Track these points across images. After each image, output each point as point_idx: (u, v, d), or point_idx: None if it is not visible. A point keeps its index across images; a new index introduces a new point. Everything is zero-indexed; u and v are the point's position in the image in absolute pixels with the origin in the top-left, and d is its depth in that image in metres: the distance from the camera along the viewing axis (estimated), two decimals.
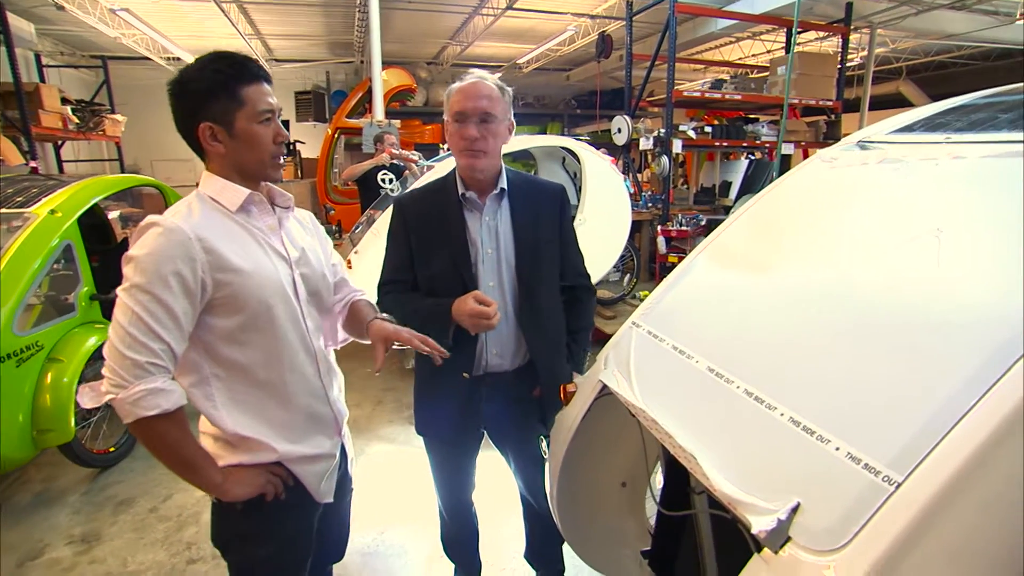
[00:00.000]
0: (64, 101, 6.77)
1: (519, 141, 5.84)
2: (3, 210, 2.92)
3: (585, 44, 9.07)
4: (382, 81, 6.45)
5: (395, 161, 4.85)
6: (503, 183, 1.55)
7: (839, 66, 6.55)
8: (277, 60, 10.69)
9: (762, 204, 1.48)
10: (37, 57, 7.97)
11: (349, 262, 4.34)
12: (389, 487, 2.92)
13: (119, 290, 1.08)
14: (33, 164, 5.99)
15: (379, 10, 6.08)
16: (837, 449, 0.84)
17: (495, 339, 1.56)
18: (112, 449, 3.06)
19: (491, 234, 1.55)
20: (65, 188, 3.07)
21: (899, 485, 0.74)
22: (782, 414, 0.95)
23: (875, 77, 9.21)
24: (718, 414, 1.06)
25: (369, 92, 6.44)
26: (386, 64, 7.53)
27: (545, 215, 1.60)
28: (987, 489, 0.69)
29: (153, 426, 1.06)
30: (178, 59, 8.74)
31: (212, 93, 1.14)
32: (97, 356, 2.78)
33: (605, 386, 1.37)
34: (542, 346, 1.59)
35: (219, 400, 1.18)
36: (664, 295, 1.47)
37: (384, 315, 1.40)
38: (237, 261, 1.14)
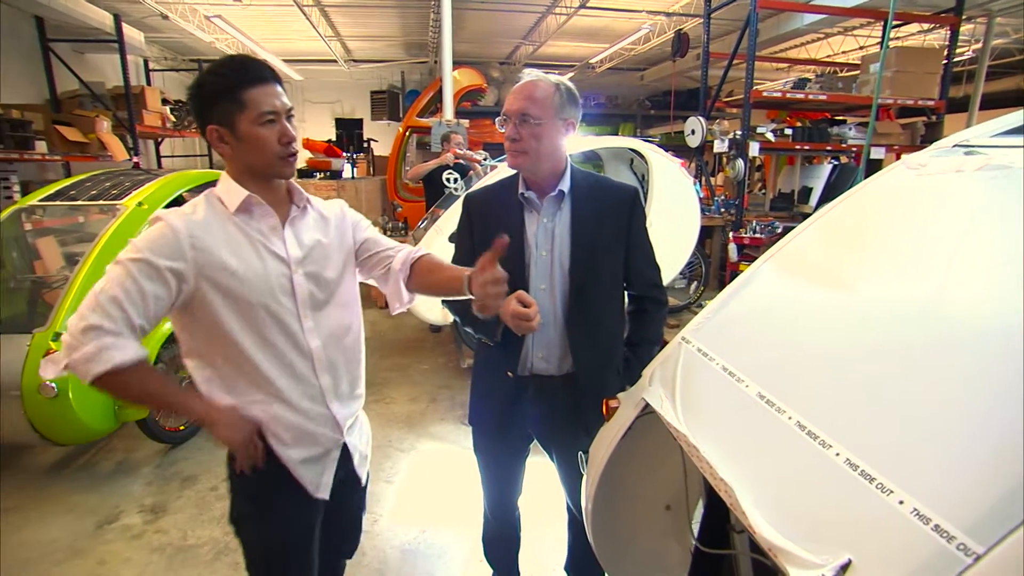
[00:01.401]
0: (164, 102, 7.37)
1: (585, 142, 5.74)
2: (100, 202, 3.20)
3: (660, 43, 8.79)
4: (453, 81, 6.54)
5: (460, 161, 4.90)
6: (564, 185, 1.51)
7: (945, 61, 5.95)
8: (356, 61, 11.12)
9: (835, 214, 1.33)
10: (145, 62, 8.73)
11: None
12: (435, 485, 2.94)
13: (108, 264, 1.15)
14: (136, 159, 6.56)
15: (452, 10, 6.16)
16: (901, 503, 0.72)
17: (541, 342, 1.53)
18: (182, 427, 3.28)
19: (547, 236, 1.51)
20: (153, 182, 3.31)
21: (979, 558, 0.62)
22: (838, 454, 0.83)
23: (991, 72, 8.29)
24: (764, 447, 0.95)
25: (440, 92, 6.54)
26: (458, 64, 7.63)
27: (609, 219, 1.52)
28: None
29: (112, 382, 1.08)
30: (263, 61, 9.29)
31: (217, 97, 1.17)
32: (172, 339, 2.97)
33: (648, 404, 1.28)
34: (589, 355, 1.53)
35: (215, 386, 1.24)
36: (719, 309, 1.36)
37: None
38: (229, 261, 1.18)
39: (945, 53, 6.00)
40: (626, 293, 1.67)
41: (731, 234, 5.73)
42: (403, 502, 2.79)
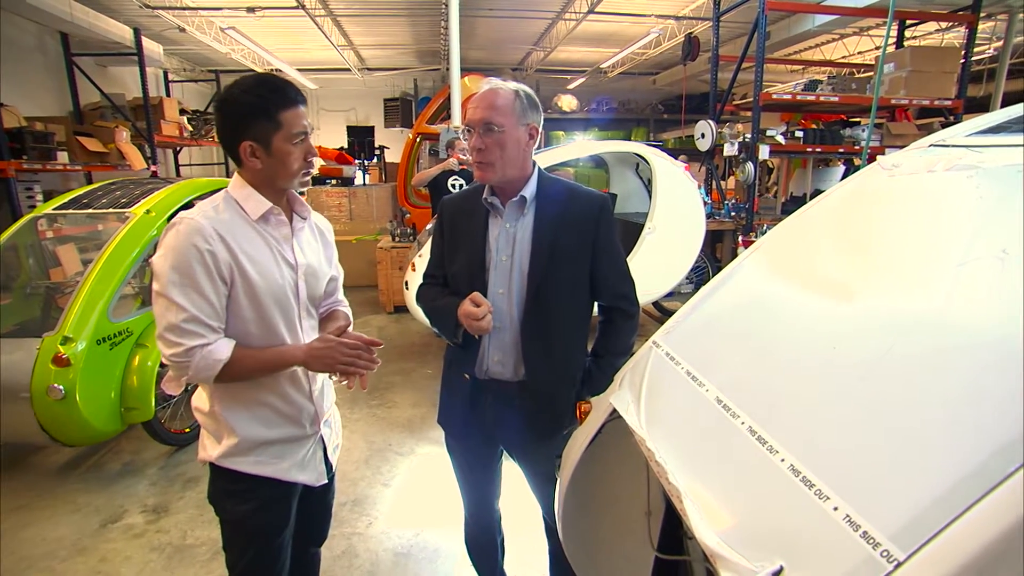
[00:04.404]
0: (182, 112, 7.56)
1: (589, 147, 5.74)
2: (110, 210, 3.30)
3: (672, 47, 8.75)
4: (462, 87, 6.58)
5: (464, 167, 4.93)
6: (527, 191, 1.50)
7: (962, 60, 5.82)
8: (369, 69, 11.27)
9: (808, 216, 1.32)
10: (165, 74, 8.98)
11: (413, 265, 4.46)
12: (432, 489, 2.94)
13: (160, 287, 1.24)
14: (153, 168, 6.73)
15: (463, 18, 6.21)
16: (835, 509, 0.71)
17: (496, 345, 1.53)
18: (187, 430, 3.35)
19: (508, 241, 1.51)
20: (161, 190, 3.40)
21: (899, 564, 0.61)
22: (783, 460, 0.82)
23: (1015, 70, 8.07)
24: (717, 452, 0.94)
25: (450, 98, 6.59)
26: (469, 71, 7.68)
27: (573, 227, 1.51)
28: None
29: (225, 374, 1.25)
30: (279, 70, 9.48)
31: (254, 116, 1.26)
32: None
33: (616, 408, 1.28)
34: (541, 362, 1.51)
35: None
36: (690, 313, 1.35)
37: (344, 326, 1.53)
38: (248, 263, 1.29)
39: (962, 52, 5.87)
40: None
41: (741, 238, 5.66)
42: (399, 505, 2.80)
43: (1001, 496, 0.58)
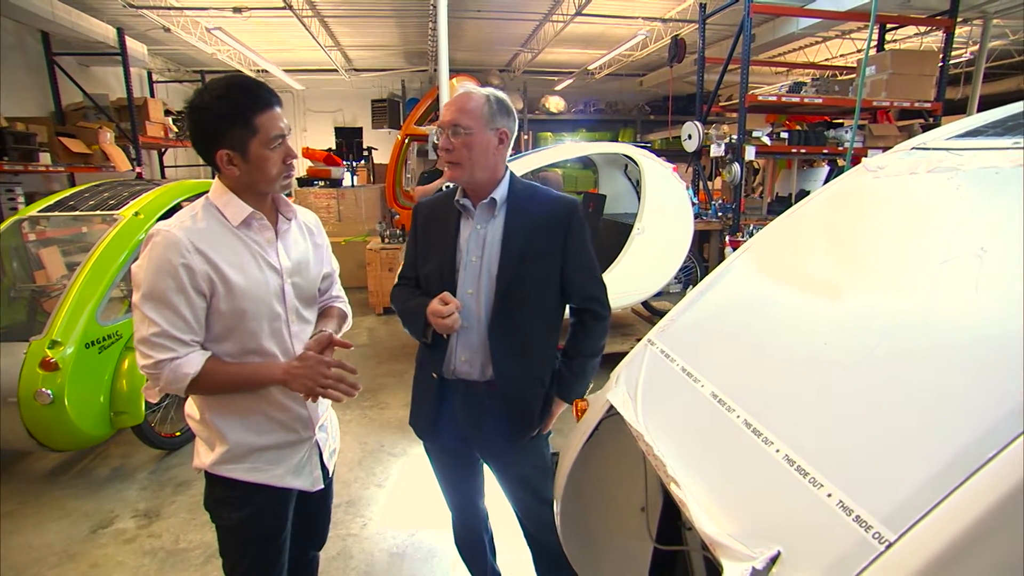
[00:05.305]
0: (167, 112, 7.47)
1: (578, 148, 5.78)
2: (98, 212, 3.26)
3: (658, 48, 8.83)
4: (450, 88, 6.59)
5: None
6: (498, 193, 1.53)
7: (940, 64, 5.96)
8: (356, 70, 11.21)
9: (797, 217, 1.36)
10: (149, 74, 8.86)
11: None
12: (427, 489, 2.93)
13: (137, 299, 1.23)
14: (138, 169, 6.64)
15: (450, 19, 6.21)
16: (829, 496, 0.74)
17: (464, 344, 1.55)
18: (178, 434, 3.32)
19: (479, 242, 1.53)
20: (149, 192, 3.37)
21: (890, 545, 0.64)
22: (778, 450, 0.85)
23: (992, 74, 8.27)
24: (714, 445, 0.98)
25: (438, 100, 6.59)
26: (457, 72, 7.70)
27: (543, 230, 1.53)
28: (988, 564, 0.58)
29: (198, 387, 1.24)
30: (265, 71, 9.41)
31: (228, 123, 1.22)
32: None
33: (613, 405, 1.31)
34: (509, 362, 1.53)
35: None
36: (684, 312, 1.39)
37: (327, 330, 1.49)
38: (230, 272, 1.27)
39: (940, 55, 6.01)
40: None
41: (728, 238, 5.74)
42: (393, 506, 2.81)
43: (983, 479, 0.61)
